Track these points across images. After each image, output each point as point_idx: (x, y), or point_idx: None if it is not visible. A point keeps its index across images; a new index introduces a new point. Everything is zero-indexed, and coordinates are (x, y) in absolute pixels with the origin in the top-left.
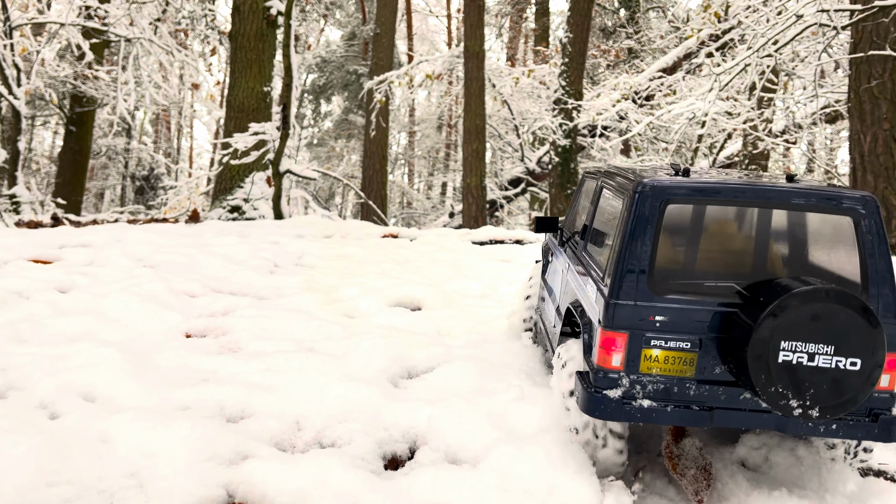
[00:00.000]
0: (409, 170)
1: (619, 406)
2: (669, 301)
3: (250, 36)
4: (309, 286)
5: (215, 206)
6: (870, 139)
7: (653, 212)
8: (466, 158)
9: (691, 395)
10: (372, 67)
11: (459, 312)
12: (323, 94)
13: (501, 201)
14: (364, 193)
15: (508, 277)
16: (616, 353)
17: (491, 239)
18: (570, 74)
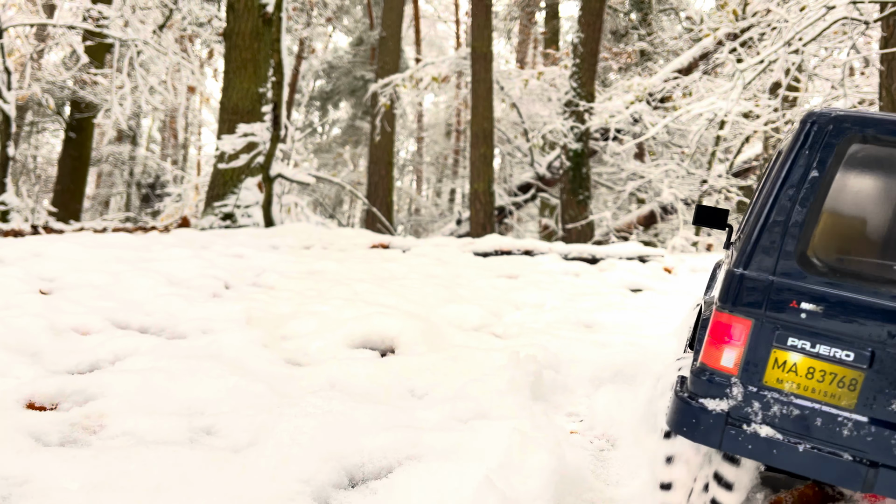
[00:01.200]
0: (417, 176)
1: (719, 425)
2: (829, 284)
3: (245, 35)
4: (251, 317)
5: (207, 213)
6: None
7: (826, 149)
8: (474, 163)
9: (844, 436)
10: (378, 71)
11: (446, 357)
12: (330, 101)
13: (510, 208)
14: (370, 200)
15: (515, 299)
16: (730, 348)
17: (496, 249)
18: (582, 76)
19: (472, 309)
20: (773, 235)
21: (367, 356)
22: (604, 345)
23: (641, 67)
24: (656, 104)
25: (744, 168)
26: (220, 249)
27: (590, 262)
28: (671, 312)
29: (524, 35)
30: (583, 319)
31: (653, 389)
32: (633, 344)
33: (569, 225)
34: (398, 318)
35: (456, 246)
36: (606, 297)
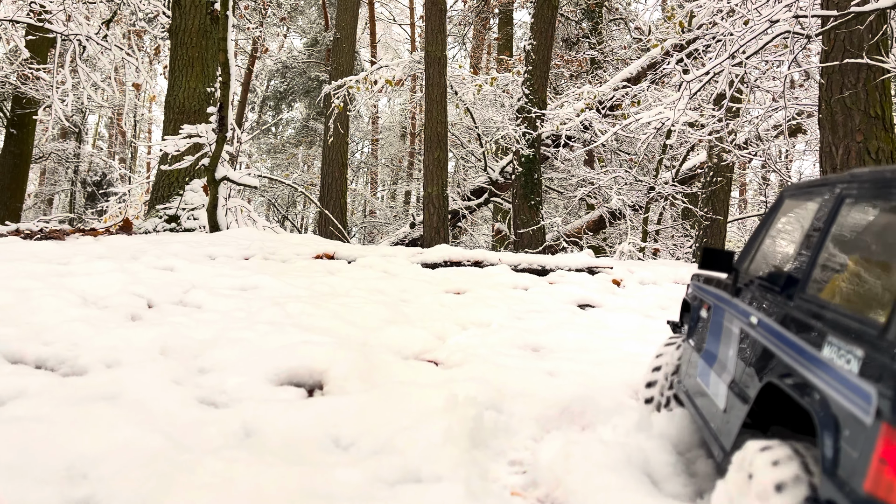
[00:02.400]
0: (371, 178)
1: None
2: None
3: (192, 32)
4: (166, 346)
5: (151, 215)
6: (842, 152)
7: None
8: (428, 167)
9: None
10: (332, 73)
11: (378, 398)
12: (284, 101)
13: (464, 212)
14: (323, 202)
15: (462, 318)
16: None
17: (446, 260)
18: (534, 83)
19: (414, 332)
20: None
21: (291, 395)
22: (551, 374)
23: (592, 75)
24: (606, 112)
25: (689, 175)
26: (150, 261)
27: (539, 273)
28: (620, 333)
29: (478, 41)
30: (530, 342)
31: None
32: (581, 373)
33: (521, 230)
34: (329, 348)
35: (404, 256)
36: (555, 314)
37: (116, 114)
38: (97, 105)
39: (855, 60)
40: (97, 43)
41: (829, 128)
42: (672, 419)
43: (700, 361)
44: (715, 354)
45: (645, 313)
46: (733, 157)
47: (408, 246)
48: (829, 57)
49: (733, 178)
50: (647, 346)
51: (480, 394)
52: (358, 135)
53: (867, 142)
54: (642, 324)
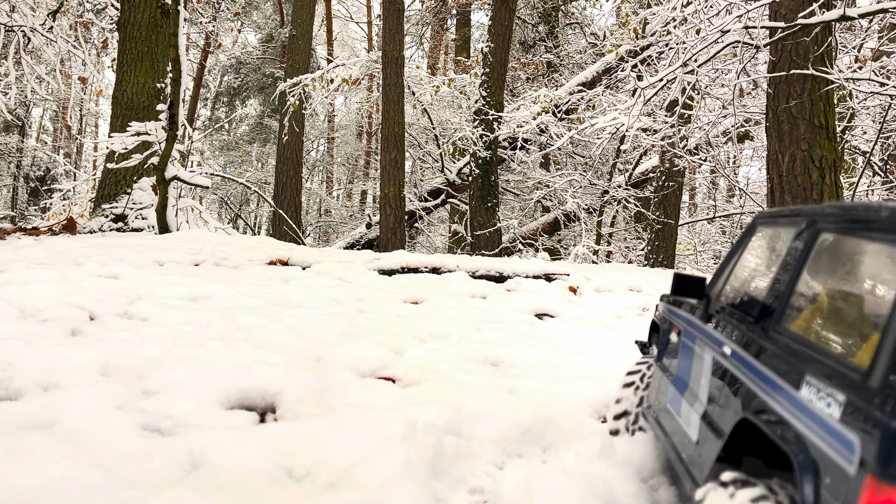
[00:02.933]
0: (327, 177)
1: None
2: None
3: (142, 26)
4: (109, 365)
5: (97, 214)
6: (788, 159)
7: None
8: (384, 167)
9: None
10: (287, 70)
11: (334, 423)
12: (238, 97)
13: (420, 213)
14: (278, 200)
15: (420, 330)
16: None
17: (403, 266)
18: (491, 85)
19: (371, 347)
20: None
21: (241, 421)
22: (511, 391)
23: (548, 78)
24: (562, 116)
25: (641, 179)
26: (94, 268)
27: (497, 280)
28: (579, 346)
29: (436, 41)
30: (489, 356)
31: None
32: (541, 391)
33: (477, 231)
34: (282, 367)
35: (361, 262)
36: (514, 325)
37: (62, 107)
38: (41, 98)
39: (801, 71)
40: (42, 35)
41: (775, 136)
42: (634, 444)
43: (670, 387)
44: (686, 382)
45: (602, 323)
46: (684, 162)
47: (364, 247)
48: (776, 67)
49: (684, 182)
50: (606, 360)
51: (440, 417)
52: (313, 133)
53: (811, 150)
54: (600, 336)
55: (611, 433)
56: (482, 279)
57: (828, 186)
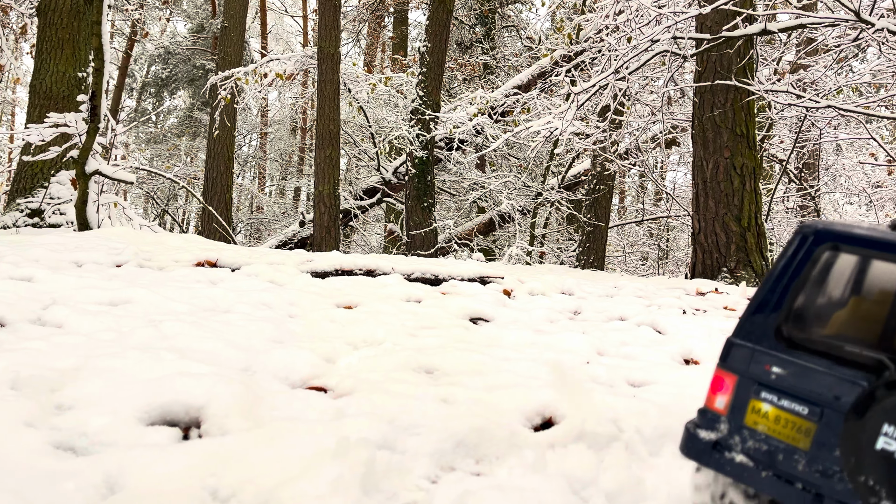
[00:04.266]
0: (259, 173)
1: (708, 450)
2: (795, 355)
3: (63, 12)
4: (20, 377)
5: (11, 208)
6: (711, 166)
7: (804, 252)
8: (319, 165)
9: (798, 470)
10: (219, 63)
11: (262, 439)
12: (166, 88)
13: (356, 211)
14: (208, 196)
15: (354, 336)
16: (721, 395)
17: (336, 269)
18: (428, 85)
19: (302, 354)
20: (758, 314)
21: (163, 437)
22: (446, 401)
23: (485, 80)
24: (498, 118)
25: (574, 182)
26: (6, 269)
27: (432, 283)
28: (512, 352)
29: (373, 38)
30: (424, 363)
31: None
32: (475, 401)
33: (413, 231)
34: (209, 379)
35: (293, 264)
36: (449, 330)
37: None
38: None
39: (724, 82)
40: None
41: (700, 143)
42: (567, 457)
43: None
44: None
45: (535, 328)
46: (615, 166)
47: (296, 245)
48: (702, 77)
49: (614, 185)
50: (536, 366)
51: (373, 430)
52: (246, 127)
53: (734, 158)
54: (533, 340)
55: None
56: (417, 282)
57: (748, 193)
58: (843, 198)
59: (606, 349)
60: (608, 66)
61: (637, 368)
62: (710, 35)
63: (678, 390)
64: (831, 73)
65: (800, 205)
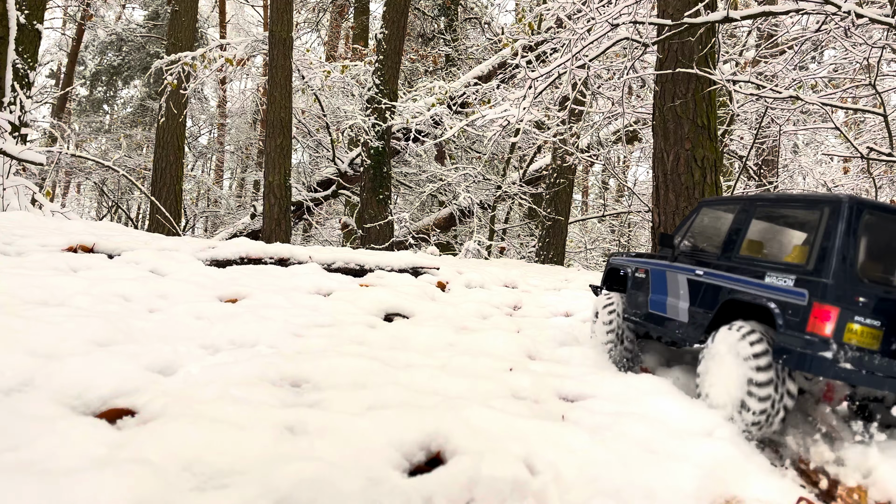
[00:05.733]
0: (216, 165)
1: (827, 363)
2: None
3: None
4: None
5: None
6: (672, 158)
7: (856, 218)
8: (269, 154)
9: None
10: (168, 48)
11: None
12: (119, 76)
13: (309, 203)
14: (156, 188)
15: (218, 336)
16: (829, 323)
17: (242, 257)
18: (385, 73)
19: (116, 365)
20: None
21: None
22: (292, 430)
23: (446, 72)
24: (457, 108)
25: (535, 177)
26: None
27: (356, 274)
28: (416, 356)
29: (334, 29)
30: (291, 373)
31: None
32: (335, 430)
33: (368, 224)
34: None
35: (190, 251)
36: (346, 329)
37: None
38: None
39: (686, 70)
40: None
41: (661, 134)
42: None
43: (650, 299)
44: (665, 294)
45: (460, 324)
46: (575, 159)
47: (246, 237)
48: (663, 66)
49: (576, 180)
50: (444, 376)
51: (150, 482)
52: (203, 118)
53: (694, 150)
54: (451, 341)
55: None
56: (338, 272)
57: (708, 185)
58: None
59: (540, 352)
60: (567, 52)
61: (573, 377)
62: (672, 21)
63: (620, 406)
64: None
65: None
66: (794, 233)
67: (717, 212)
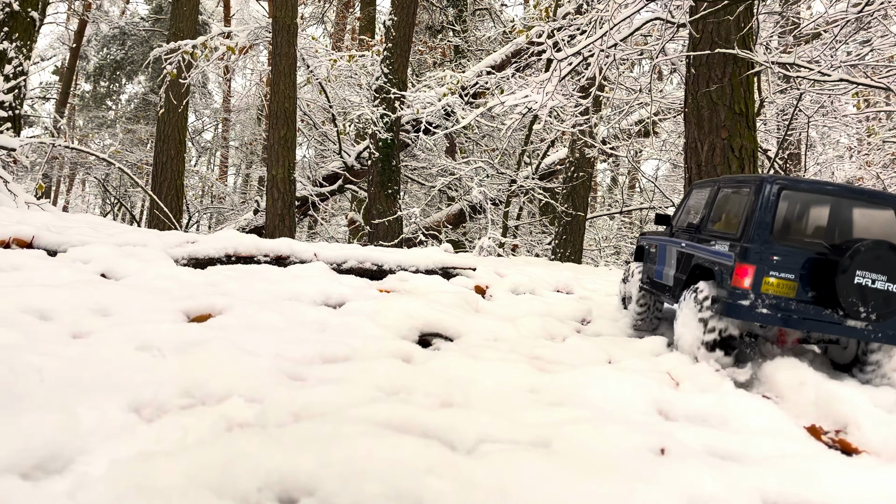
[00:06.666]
0: (221, 161)
1: (744, 309)
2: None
3: None
4: None
5: None
6: (707, 148)
7: (773, 194)
8: (272, 147)
9: (792, 308)
10: (169, 38)
11: None
12: (122, 71)
13: (314, 199)
14: (157, 183)
15: (160, 384)
16: (747, 278)
17: (229, 254)
18: (394, 61)
19: None
20: (760, 228)
21: None
22: None
23: (456, 64)
24: (469, 99)
25: (548, 171)
26: None
27: (373, 276)
28: (485, 417)
29: (340, 21)
30: (278, 478)
31: None
32: None
33: (376, 220)
34: None
35: (161, 246)
36: (369, 366)
37: None
38: None
39: (726, 50)
40: None
41: (695, 122)
42: None
43: (655, 269)
44: (664, 263)
45: (529, 351)
46: (595, 151)
47: (249, 233)
48: (697, 48)
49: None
50: (560, 472)
51: None
52: (208, 113)
53: (731, 139)
54: (531, 383)
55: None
56: (350, 274)
57: None
58: None
59: (672, 403)
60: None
61: (769, 465)
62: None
63: None
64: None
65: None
66: (737, 207)
67: (702, 192)
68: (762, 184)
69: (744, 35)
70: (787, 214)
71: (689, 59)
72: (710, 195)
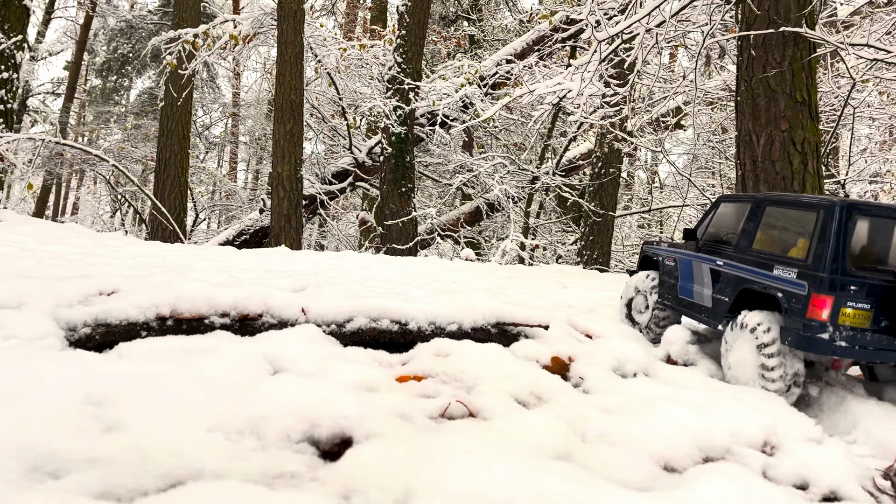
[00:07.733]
0: (231, 157)
1: (823, 343)
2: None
3: None
4: None
5: None
6: (764, 141)
7: (846, 219)
8: (277, 142)
9: (868, 339)
10: (173, 27)
11: None
12: (129, 65)
13: (323, 197)
14: (160, 179)
15: None
16: (825, 310)
17: (162, 316)
18: (408, 50)
19: None
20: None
21: None
22: None
23: (471, 54)
24: (488, 90)
25: (569, 167)
26: None
27: (391, 345)
28: None
29: (351, 10)
30: None
31: None
32: None
33: (389, 221)
34: None
35: (50, 306)
36: None
37: None
38: None
39: (788, 28)
40: None
41: (749, 113)
42: None
43: (679, 286)
44: (692, 281)
45: None
46: (626, 145)
47: (256, 234)
48: (751, 28)
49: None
50: None
51: None
52: (216, 107)
53: (793, 131)
54: None
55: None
56: (357, 344)
57: (810, 175)
58: (868, 186)
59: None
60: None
61: None
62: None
63: None
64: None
65: (830, 192)
66: (796, 230)
67: (735, 206)
68: (834, 208)
69: (804, 15)
70: (859, 240)
71: (742, 40)
72: (751, 212)
